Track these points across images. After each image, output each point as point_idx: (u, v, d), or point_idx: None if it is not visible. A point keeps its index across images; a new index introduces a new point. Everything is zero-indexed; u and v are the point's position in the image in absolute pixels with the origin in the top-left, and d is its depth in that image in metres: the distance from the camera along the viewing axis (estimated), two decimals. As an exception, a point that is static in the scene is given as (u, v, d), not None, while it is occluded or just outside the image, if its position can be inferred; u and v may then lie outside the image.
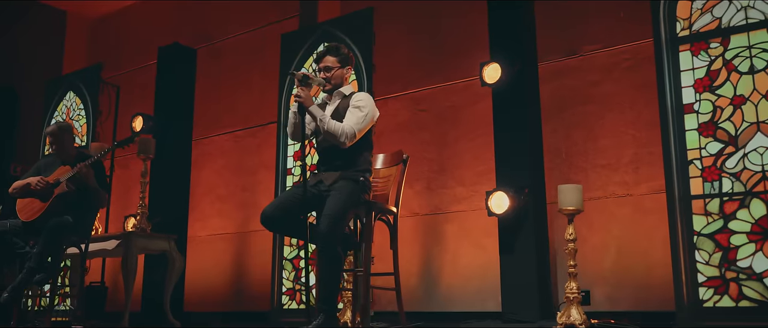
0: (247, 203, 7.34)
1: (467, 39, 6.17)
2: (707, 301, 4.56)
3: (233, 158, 7.56)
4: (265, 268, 6.93)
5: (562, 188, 4.45)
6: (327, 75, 3.91)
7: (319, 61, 3.97)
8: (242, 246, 7.33)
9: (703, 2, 4.86)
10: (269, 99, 7.33)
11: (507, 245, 5.31)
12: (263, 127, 7.41)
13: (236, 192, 7.47)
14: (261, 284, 6.95)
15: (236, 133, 7.64)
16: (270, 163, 7.18)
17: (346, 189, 3.74)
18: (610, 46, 5.49)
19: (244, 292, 7.09)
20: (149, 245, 5.87)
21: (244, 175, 7.43)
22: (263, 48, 7.53)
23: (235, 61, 7.74)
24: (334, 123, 3.73)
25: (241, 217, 7.42)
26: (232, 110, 7.68)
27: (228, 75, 7.79)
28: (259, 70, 7.52)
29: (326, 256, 3.58)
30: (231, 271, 7.34)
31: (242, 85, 7.65)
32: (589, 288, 5.26)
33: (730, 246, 4.51)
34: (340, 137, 3.72)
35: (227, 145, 7.65)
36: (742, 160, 4.56)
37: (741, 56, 4.65)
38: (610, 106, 5.40)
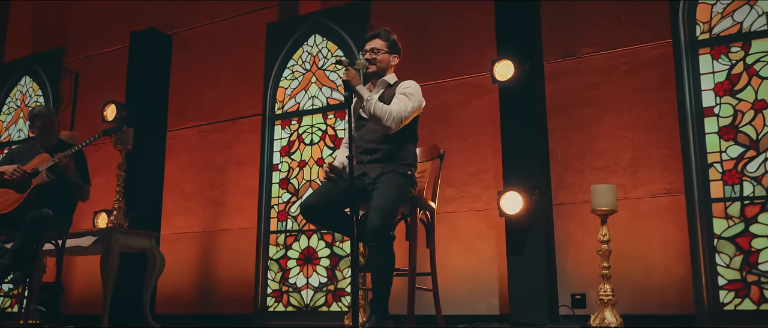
0: (216, 201, 6.98)
1: (457, 38, 6.05)
2: (728, 304, 4.56)
3: (200, 154, 7.17)
4: (236, 268, 6.60)
5: (595, 188, 4.37)
6: (373, 56, 3.68)
7: (366, 42, 3.74)
8: (209, 246, 6.96)
9: (723, 6, 4.88)
10: (242, 92, 6.99)
11: (516, 247, 5.19)
12: (233, 122, 7.06)
13: (204, 189, 7.09)
14: (231, 284, 6.62)
15: (203, 127, 7.25)
16: (243, 159, 6.85)
17: (395, 182, 3.52)
18: (608, 48, 5.47)
19: (213, 293, 6.72)
20: (130, 242, 5.45)
21: (212, 172, 7.05)
22: (239, 38, 7.17)
23: (205, 51, 7.35)
24: (380, 105, 3.50)
25: (208, 215, 7.04)
26: (199, 104, 7.29)
27: (197, 66, 7.39)
28: (230, 63, 7.17)
29: (380, 252, 3.35)
30: (197, 271, 6.95)
31: (212, 78, 7.26)
32: (585, 291, 5.23)
33: (752, 249, 4.53)
34: (386, 120, 3.48)
35: (193, 139, 7.25)
36: (763, 164, 4.59)
37: (762, 61, 4.69)
38: (608, 109, 5.38)
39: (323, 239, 6.11)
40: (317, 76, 6.49)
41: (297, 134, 6.46)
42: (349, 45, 6.29)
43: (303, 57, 6.61)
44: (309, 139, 6.39)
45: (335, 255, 6.02)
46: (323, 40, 6.53)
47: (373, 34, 3.76)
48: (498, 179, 5.60)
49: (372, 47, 3.71)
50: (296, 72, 6.62)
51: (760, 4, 4.76)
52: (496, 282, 5.59)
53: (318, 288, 6.03)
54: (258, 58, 6.91)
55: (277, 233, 6.36)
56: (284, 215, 6.36)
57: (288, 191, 6.39)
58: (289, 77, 6.65)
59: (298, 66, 6.63)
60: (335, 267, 5.98)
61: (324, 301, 5.98)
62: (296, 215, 6.29)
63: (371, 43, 3.72)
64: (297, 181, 6.36)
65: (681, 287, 4.92)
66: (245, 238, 6.63)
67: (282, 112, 6.60)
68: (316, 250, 6.12)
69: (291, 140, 6.48)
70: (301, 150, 6.41)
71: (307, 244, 6.17)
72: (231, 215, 6.86)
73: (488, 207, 5.67)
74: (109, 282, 5.16)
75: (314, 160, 6.32)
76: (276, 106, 6.65)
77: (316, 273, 6.07)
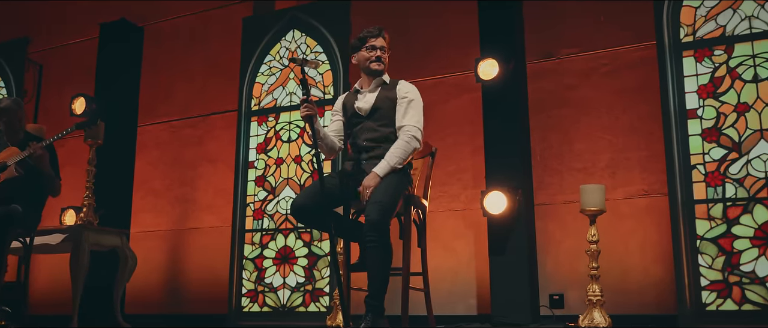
0: (186, 199, 6.82)
1: (436, 38, 6.01)
2: (710, 304, 4.60)
3: (169, 150, 7.00)
4: (207, 267, 6.45)
5: (584, 188, 4.37)
6: (382, 55, 3.60)
7: (371, 38, 3.63)
8: (178, 244, 6.79)
9: (707, 9, 4.93)
10: (214, 88, 6.84)
11: (498, 247, 5.17)
12: (205, 118, 6.91)
13: (173, 187, 6.92)
14: (202, 284, 6.46)
15: (173, 123, 7.08)
16: (215, 156, 6.70)
17: (393, 178, 3.44)
18: (588, 50, 5.49)
19: (182, 293, 6.56)
20: (101, 240, 5.25)
21: (182, 168, 6.88)
22: (212, 32, 7.01)
23: (177, 44, 7.17)
24: (401, 149, 3.44)
25: (177, 213, 6.87)
26: (170, 99, 7.12)
27: (168, 60, 7.20)
28: (203, 57, 7.01)
29: (378, 247, 3.26)
30: (166, 271, 6.77)
31: (184, 72, 7.09)
32: (563, 291, 5.24)
33: (734, 251, 4.58)
34: (415, 146, 3.50)
35: (163, 135, 7.07)
36: (745, 166, 4.64)
37: (745, 65, 4.74)
38: (586, 110, 5.40)
39: (301, 239, 5.99)
40: (295, 73, 6.37)
41: (274, 131, 6.33)
42: (328, 41, 6.19)
43: (281, 53, 6.48)
44: (286, 136, 6.27)
45: (313, 255, 5.91)
46: (302, 36, 6.41)
47: (377, 31, 3.66)
48: (477, 178, 5.57)
49: (381, 46, 3.63)
50: (274, 68, 6.49)
51: (743, 8, 4.82)
52: (475, 282, 5.57)
53: (295, 288, 5.91)
54: (232, 53, 6.77)
55: (253, 232, 6.22)
56: (260, 213, 6.22)
57: (264, 189, 6.26)
58: (266, 73, 6.52)
59: (275, 62, 6.50)
60: (313, 267, 5.88)
61: (301, 301, 5.87)
62: (272, 214, 6.16)
63: (377, 41, 3.63)
64: (274, 179, 6.23)
65: (659, 288, 4.95)
66: (217, 236, 6.49)
67: (258, 108, 6.46)
68: (293, 249, 6.00)
69: (268, 137, 6.35)
70: (278, 147, 6.28)
71: (284, 243, 6.05)
72: (202, 213, 6.70)
73: (467, 207, 5.64)
74: (79, 281, 4.97)
75: (292, 158, 6.20)
76: (252, 102, 6.50)
77: (293, 273, 5.95)
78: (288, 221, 6.07)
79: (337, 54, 6.14)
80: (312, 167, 6.11)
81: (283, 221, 6.09)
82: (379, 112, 3.56)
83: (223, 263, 6.33)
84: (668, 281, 4.94)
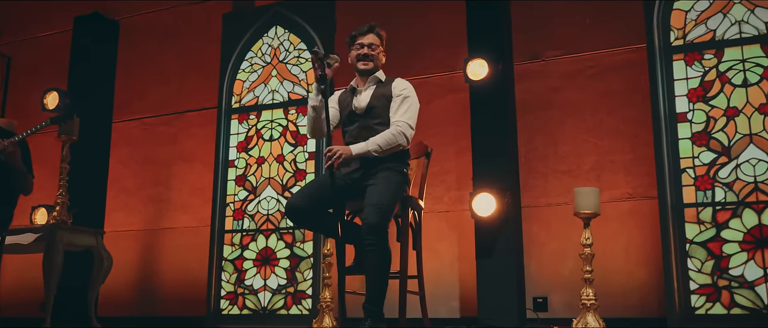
0: (160, 198, 6.64)
1: (420, 38, 5.94)
2: (699, 308, 4.59)
3: (142, 148, 6.81)
4: (182, 268, 6.28)
5: (579, 191, 4.33)
6: (371, 53, 3.50)
7: (360, 36, 3.54)
8: (152, 244, 6.62)
9: (697, 13, 4.94)
10: (190, 84, 6.68)
11: (485, 249, 5.12)
12: (180, 116, 6.74)
13: (146, 185, 6.73)
14: (177, 285, 6.30)
15: (145, 120, 6.89)
16: (190, 155, 6.54)
17: (392, 180, 3.36)
18: (573, 52, 5.47)
19: (156, 294, 6.38)
20: (75, 240, 5.07)
21: (155, 167, 6.71)
22: (190, 27, 6.84)
23: (153, 39, 6.98)
24: (384, 138, 3.36)
25: (150, 212, 6.70)
26: (144, 95, 6.93)
27: (143, 55, 7.01)
28: (179, 53, 6.84)
29: (376, 250, 3.17)
30: (139, 271, 6.59)
31: (160, 68, 6.91)
32: (546, 294, 5.21)
33: (723, 255, 4.58)
34: (400, 142, 3.40)
35: (135, 133, 6.88)
36: (734, 170, 4.65)
37: (735, 69, 4.76)
38: (571, 112, 5.38)
39: (283, 240, 5.86)
40: (278, 70, 6.23)
41: (255, 129, 6.18)
42: (313, 39, 6.07)
43: (263, 49, 6.34)
44: (268, 135, 6.13)
45: (296, 256, 5.78)
46: (285, 33, 6.28)
47: (367, 28, 3.57)
48: (461, 180, 5.52)
49: (370, 43, 3.53)
50: (255, 64, 6.34)
51: (733, 13, 4.84)
52: (458, 285, 5.51)
53: (276, 290, 5.77)
54: (210, 48, 6.62)
55: (233, 233, 6.06)
56: (240, 213, 6.07)
57: (245, 189, 6.11)
58: (248, 70, 6.37)
59: (257, 58, 6.35)
60: (295, 268, 5.74)
61: (283, 303, 5.73)
62: (253, 214, 6.02)
63: (366, 38, 3.54)
64: (255, 178, 6.09)
65: (643, 291, 4.95)
66: (192, 237, 6.32)
67: (239, 106, 6.31)
68: (274, 251, 5.86)
69: (249, 135, 6.20)
70: (259, 146, 6.14)
71: (265, 244, 5.91)
72: (176, 213, 6.53)
73: (450, 208, 5.58)
74: (52, 283, 4.78)
75: (274, 157, 6.06)
76: (233, 100, 6.34)
77: (274, 275, 5.81)
78: (269, 222, 5.93)
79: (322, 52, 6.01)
80: (294, 167, 5.98)
81: (264, 221, 5.94)
82: (374, 111, 3.48)
83: (199, 263, 6.17)
84: (652, 285, 4.94)
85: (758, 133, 4.63)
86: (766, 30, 4.73)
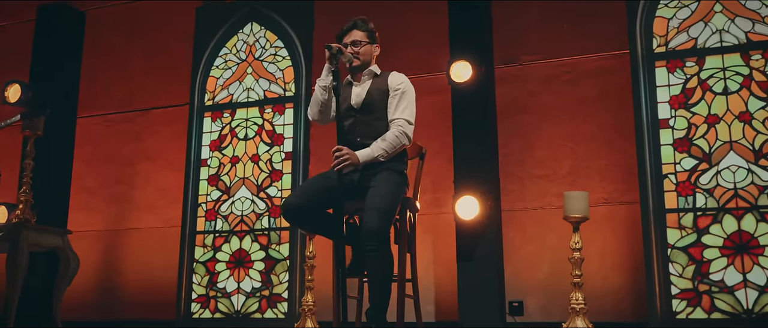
0: (123, 198, 6.43)
1: (395, 38, 5.82)
2: (680, 312, 4.64)
3: (104, 145, 6.58)
4: (147, 270, 6.08)
5: (568, 195, 4.33)
6: (355, 50, 3.43)
7: (343, 35, 3.49)
8: (114, 245, 6.40)
9: (679, 21, 5.00)
10: (156, 80, 6.49)
11: (466, 253, 5.09)
12: (145, 113, 6.54)
13: (108, 184, 6.51)
14: (141, 288, 6.10)
15: (109, 116, 6.67)
16: (155, 153, 6.35)
17: (392, 181, 3.29)
18: (549, 57, 5.50)
19: (119, 297, 6.16)
20: (40, 240, 4.82)
21: (118, 165, 6.49)
22: (159, 21, 6.64)
23: (119, 32, 6.75)
24: (389, 142, 3.31)
25: (112, 212, 6.48)
26: (107, 91, 6.70)
27: (109, 48, 6.77)
28: (146, 47, 6.63)
29: (379, 256, 3.09)
30: (100, 273, 6.36)
31: (125, 63, 6.68)
32: (522, 298, 5.21)
33: (703, 260, 4.64)
34: (403, 142, 3.37)
35: (97, 129, 6.65)
36: (715, 177, 4.72)
37: (715, 77, 4.83)
38: (547, 117, 5.40)
39: (258, 241, 5.71)
40: (254, 67, 6.09)
41: (229, 128, 6.02)
42: (290, 36, 5.95)
43: (238, 46, 6.18)
44: (243, 133, 5.97)
45: (271, 258, 5.63)
46: (261, 29, 6.13)
47: (349, 26, 3.52)
48: (437, 183, 5.47)
49: (352, 40, 3.47)
50: (230, 61, 6.18)
51: (714, 22, 4.91)
52: (433, 289, 5.47)
53: (250, 293, 5.62)
54: (178, 44, 6.44)
55: (205, 234, 5.88)
56: (213, 214, 5.89)
57: (218, 189, 5.93)
58: (222, 66, 6.20)
59: (232, 55, 6.19)
60: (271, 271, 5.60)
61: (257, 307, 5.58)
62: (227, 215, 5.85)
63: (350, 36, 3.49)
64: (228, 178, 5.92)
65: (618, 295, 4.99)
66: (157, 238, 6.14)
67: (213, 103, 6.13)
68: (249, 252, 5.71)
69: (222, 134, 6.03)
70: (233, 145, 5.97)
71: (239, 246, 5.75)
72: (140, 213, 6.32)
73: (426, 211, 5.50)
74: (16, 285, 4.54)
75: (248, 157, 5.90)
76: (206, 97, 6.17)
77: (248, 277, 5.65)
78: (244, 223, 5.78)
79: (299, 50, 5.90)
80: (270, 167, 5.84)
81: (238, 222, 5.78)
82: (371, 106, 3.41)
83: (165, 265, 5.99)
84: (626, 289, 4.98)
85: (738, 141, 4.71)
86: (746, 39, 4.81)
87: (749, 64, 4.78)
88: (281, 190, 5.72)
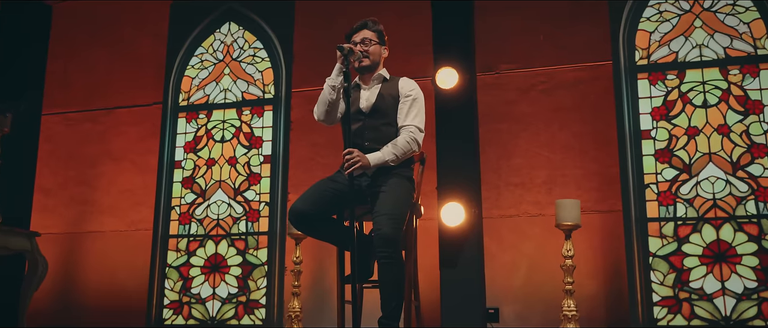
0: (84, 200, 6.22)
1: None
2: (661, 319, 4.74)
3: (64, 145, 6.36)
4: (110, 275, 5.89)
5: (560, 203, 4.37)
6: (365, 48, 3.38)
7: (353, 34, 3.45)
8: (74, 249, 6.17)
9: (660, 35, 5.13)
10: (122, 78, 6.30)
11: (450, 259, 5.08)
12: (109, 112, 6.34)
13: (68, 185, 6.28)
14: (103, 294, 5.89)
15: (70, 115, 6.44)
16: (120, 154, 6.15)
17: (402, 186, 3.25)
18: (527, 66, 5.57)
19: (77, 303, 5.93)
20: (8, 243, 4.60)
21: (79, 166, 6.26)
22: (129, 18, 6.44)
23: (86, 28, 6.52)
24: (399, 147, 3.26)
25: (72, 215, 6.26)
26: (69, 87, 6.47)
27: (75, 44, 6.53)
28: (115, 44, 6.43)
29: (392, 263, 3.04)
30: (59, 278, 6.10)
31: (91, 59, 6.47)
32: (498, 306, 5.24)
33: (684, 268, 4.75)
34: (414, 148, 3.33)
35: (56, 128, 6.40)
36: (695, 187, 4.85)
37: (695, 90, 4.97)
38: (524, 125, 5.47)
39: (234, 246, 5.57)
40: (231, 68, 5.95)
41: (205, 129, 5.86)
42: (270, 37, 5.85)
43: (215, 45, 6.04)
44: (220, 135, 5.83)
45: (248, 264, 5.51)
46: (239, 29, 6.01)
47: (360, 25, 3.49)
48: (416, 189, 5.45)
49: (362, 39, 3.42)
50: (206, 61, 6.03)
51: (694, 37, 5.05)
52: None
53: (226, 299, 5.48)
54: (147, 42, 6.27)
55: (178, 238, 5.71)
56: (187, 217, 5.73)
57: (193, 192, 5.77)
58: (197, 66, 6.04)
59: (208, 55, 6.04)
60: (248, 277, 5.47)
61: (234, 313, 5.44)
62: (202, 218, 5.69)
63: (360, 35, 3.45)
64: (204, 180, 5.77)
65: (592, 303, 5.06)
66: (121, 241, 5.94)
67: (188, 103, 5.97)
68: (225, 257, 5.57)
69: (198, 136, 5.87)
70: (209, 147, 5.82)
71: (214, 250, 5.60)
72: (102, 216, 6.11)
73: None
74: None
75: (225, 159, 5.76)
76: (180, 97, 6.00)
77: (224, 283, 5.51)
78: (219, 227, 5.63)
79: (278, 51, 5.80)
80: (248, 171, 5.71)
81: (214, 226, 5.63)
82: (381, 110, 3.37)
83: (129, 270, 5.81)
84: (601, 297, 5.06)
85: (717, 153, 4.85)
86: (724, 54, 4.97)
87: (727, 78, 4.93)
88: (259, 194, 5.61)
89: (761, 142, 4.79)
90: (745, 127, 4.83)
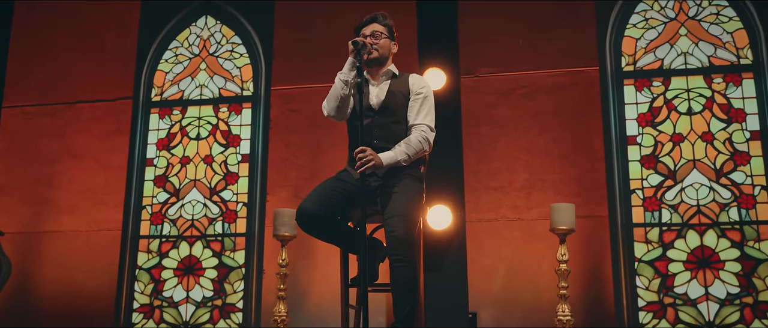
0: (40, 198, 5.91)
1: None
2: (647, 324, 4.76)
3: (20, 140, 6.04)
4: (70, 277, 5.60)
5: (555, 207, 4.33)
6: (375, 41, 3.30)
7: (363, 27, 3.38)
8: (29, 250, 5.85)
9: (646, 42, 5.17)
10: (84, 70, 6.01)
11: (434, 263, 5.03)
12: (70, 107, 6.05)
13: (24, 183, 5.96)
14: (61, 296, 5.59)
15: (26, 108, 6.12)
16: (81, 151, 5.88)
17: (414, 187, 3.16)
18: (507, 70, 5.55)
19: (33, 306, 5.62)
20: (-29, 241, 4.33)
21: (36, 163, 5.96)
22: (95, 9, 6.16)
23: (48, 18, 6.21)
24: (412, 147, 3.20)
25: (27, 214, 5.94)
26: (26, 80, 6.16)
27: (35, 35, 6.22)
28: (78, 35, 6.14)
29: (407, 266, 2.94)
30: (16, 280, 5.77)
31: (51, 51, 6.16)
32: (476, 310, 5.20)
33: (669, 273, 4.79)
34: (425, 148, 3.27)
35: (12, 123, 6.08)
36: (679, 193, 4.89)
37: (680, 98, 5.02)
38: (504, 130, 5.44)
39: (210, 248, 5.36)
40: (208, 63, 5.74)
41: (180, 126, 5.64)
42: (249, 32, 5.67)
43: (190, 39, 5.82)
44: (195, 133, 5.61)
45: (225, 266, 5.31)
46: (217, 24, 5.81)
47: (369, 19, 3.41)
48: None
49: (372, 31, 3.35)
50: (181, 56, 5.80)
51: (679, 44, 5.11)
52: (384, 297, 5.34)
53: (201, 303, 5.26)
54: (115, 34, 5.98)
55: (149, 239, 5.46)
56: (160, 217, 5.49)
57: (166, 191, 5.53)
58: (171, 60, 5.81)
59: (183, 49, 5.81)
60: (224, 280, 5.28)
61: (208, 318, 5.23)
62: (175, 219, 5.46)
63: (370, 28, 3.37)
64: (178, 179, 5.54)
65: (571, 307, 5.05)
66: (81, 242, 5.65)
67: (161, 99, 5.73)
68: (200, 259, 5.35)
69: (171, 132, 5.64)
70: (184, 145, 5.60)
71: (188, 252, 5.38)
72: (61, 215, 5.81)
73: (380, 220, 5.42)
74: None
75: (201, 158, 5.55)
76: (152, 92, 5.75)
77: (199, 286, 5.30)
78: (194, 228, 5.41)
79: (258, 47, 5.63)
80: (225, 170, 5.51)
81: (188, 227, 5.41)
82: (390, 108, 3.28)
83: (92, 271, 5.52)
84: (579, 302, 5.05)
85: (701, 160, 4.91)
86: (708, 63, 5.04)
87: (711, 86, 5.00)
88: (236, 194, 5.42)
89: (743, 150, 4.87)
90: (728, 135, 4.90)
